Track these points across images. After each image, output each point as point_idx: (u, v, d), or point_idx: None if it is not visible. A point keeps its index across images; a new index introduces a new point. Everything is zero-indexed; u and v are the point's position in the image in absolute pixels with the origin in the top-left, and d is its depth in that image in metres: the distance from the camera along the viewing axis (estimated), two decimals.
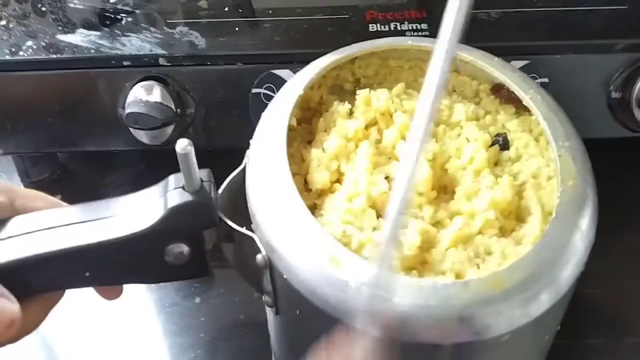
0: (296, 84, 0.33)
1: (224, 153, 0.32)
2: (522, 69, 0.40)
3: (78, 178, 0.46)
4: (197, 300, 0.40)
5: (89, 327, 0.40)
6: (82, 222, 0.28)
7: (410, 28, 0.41)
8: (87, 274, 0.28)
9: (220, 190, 0.30)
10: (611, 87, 0.41)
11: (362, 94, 0.34)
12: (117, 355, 0.39)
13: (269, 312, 0.31)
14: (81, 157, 0.47)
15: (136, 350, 0.39)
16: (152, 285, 0.41)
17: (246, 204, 0.29)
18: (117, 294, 0.33)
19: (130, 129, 0.39)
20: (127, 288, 0.34)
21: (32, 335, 0.39)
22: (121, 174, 0.46)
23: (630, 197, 0.46)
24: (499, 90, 0.35)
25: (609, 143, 0.44)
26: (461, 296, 0.23)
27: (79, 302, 0.40)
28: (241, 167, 0.31)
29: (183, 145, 0.26)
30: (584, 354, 0.39)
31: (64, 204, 0.31)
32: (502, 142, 0.33)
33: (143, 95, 0.39)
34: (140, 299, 0.41)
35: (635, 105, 0.40)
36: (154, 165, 0.29)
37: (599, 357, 0.38)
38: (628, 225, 0.44)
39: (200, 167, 0.29)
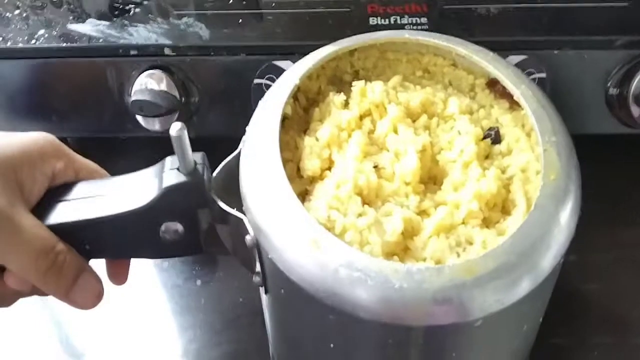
0: (293, 74, 0.34)
1: (226, 140, 0.34)
2: (520, 63, 0.41)
3: None
4: (198, 282, 0.42)
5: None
6: (83, 197, 0.29)
7: (410, 22, 0.42)
8: (87, 246, 0.30)
9: (215, 173, 0.31)
10: (609, 84, 0.41)
11: (357, 86, 0.34)
12: (119, 332, 0.40)
13: (262, 292, 0.32)
14: (92, 143, 0.49)
15: (137, 327, 0.41)
16: (155, 267, 0.43)
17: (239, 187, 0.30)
18: (122, 279, 0.35)
19: (137, 116, 0.40)
20: (131, 269, 0.36)
21: (42, 310, 0.41)
22: (131, 160, 0.47)
23: (630, 193, 0.46)
24: (494, 85, 0.35)
25: (612, 140, 0.44)
26: (434, 280, 0.24)
27: None
28: (236, 151, 0.32)
29: (177, 128, 0.27)
30: (581, 351, 0.39)
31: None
32: (494, 136, 0.33)
33: (149, 83, 0.40)
34: (143, 280, 0.42)
35: (632, 101, 0.40)
36: (163, 151, 0.30)
37: (600, 355, 0.38)
38: (628, 221, 0.45)
39: (201, 151, 0.30)
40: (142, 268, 0.43)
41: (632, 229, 0.44)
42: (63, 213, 0.29)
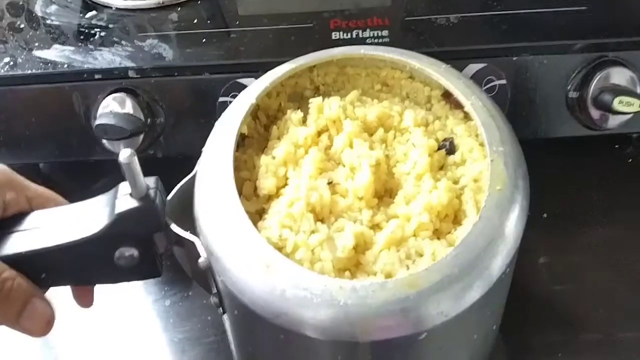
0: (250, 93, 0.34)
1: (195, 159, 0.34)
2: (481, 71, 0.41)
3: (60, 188, 0.48)
4: (167, 302, 0.42)
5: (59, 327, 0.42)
6: (36, 227, 0.30)
7: (372, 35, 0.42)
8: (44, 275, 0.30)
9: (170, 196, 0.31)
10: (569, 87, 0.41)
11: (314, 102, 0.35)
12: (86, 352, 0.41)
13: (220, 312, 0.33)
14: (63, 167, 0.49)
15: (106, 349, 0.41)
16: (125, 287, 0.43)
17: None
18: (89, 302, 0.35)
19: (102, 139, 0.41)
20: (101, 289, 0.36)
21: None
22: (103, 183, 0.48)
23: (594, 196, 0.46)
24: (449, 96, 0.36)
25: (572, 142, 0.44)
26: (378, 296, 0.24)
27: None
28: (192, 173, 0.32)
29: (126, 155, 0.27)
30: (538, 351, 0.39)
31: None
32: (448, 147, 0.33)
33: (113, 106, 0.40)
34: (111, 301, 0.42)
35: (591, 104, 0.40)
36: None
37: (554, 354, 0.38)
38: (595, 222, 0.45)
39: (171, 171, 0.31)
40: (111, 289, 0.43)
41: (600, 229, 0.44)
42: (16, 244, 0.30)
